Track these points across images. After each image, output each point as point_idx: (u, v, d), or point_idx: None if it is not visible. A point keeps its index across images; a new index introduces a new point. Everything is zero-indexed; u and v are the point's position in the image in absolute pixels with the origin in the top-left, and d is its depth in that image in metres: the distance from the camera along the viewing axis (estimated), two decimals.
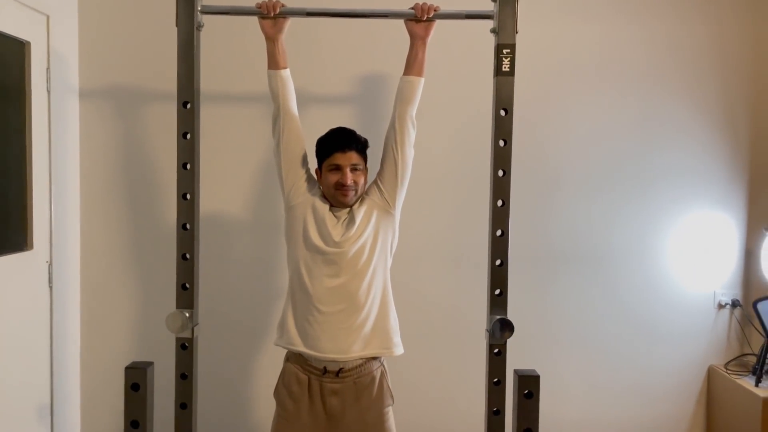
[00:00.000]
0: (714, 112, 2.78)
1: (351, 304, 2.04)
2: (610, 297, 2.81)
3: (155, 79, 2.72)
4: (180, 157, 2.14)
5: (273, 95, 2.13)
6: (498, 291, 2.15)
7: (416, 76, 2.12)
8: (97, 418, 2.80)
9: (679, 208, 2.81)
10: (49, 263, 2.54)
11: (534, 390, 1.68)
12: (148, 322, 2.78)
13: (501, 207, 2.13)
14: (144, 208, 2.77)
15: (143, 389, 1.71)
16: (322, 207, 2.10)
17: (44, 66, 2.49)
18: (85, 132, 2.74)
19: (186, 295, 2.14)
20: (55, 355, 2.58)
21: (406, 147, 2.13)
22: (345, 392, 2.06)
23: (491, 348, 2.16)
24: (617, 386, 2.84)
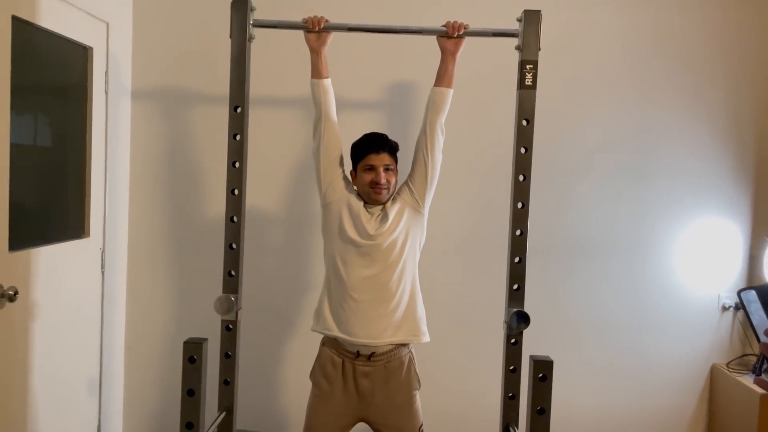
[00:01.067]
0: (720, 118, 2.93)
1: (382, 293, 2.24)
2: (619, 296, 2.98)
3: (201, 83, 2.93)
4: (230, 157, 2.35)
5: (315, 102, 2.33)
6: (516, 286, 2.34)
7: (446, 88, 2.32)
8: (138, 394, 3.02)
9: (687, 213, 2.97)
10: (102, 250, 2.77)
11: (547, 373, 1.87)
12: (187, 307, 3.00)
13: (521, 209, 2.33)
14: (187, 202, 2.99)
15: (199, 362, 1.92)
16: (357, 204, 2.30)
17: (103, 69, 2.72)
18: (135, 131, 2.97)
19: (232, 281, 2.35)
20: (105, 335, 2.81)
21: (435, 152, 2.32)
22: (376, 375, 2.26)
23: (508, 338, 2.36)
24: (625, 380, 3.01)
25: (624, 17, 2.93)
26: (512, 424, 2.34)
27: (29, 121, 2.34)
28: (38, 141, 2.44)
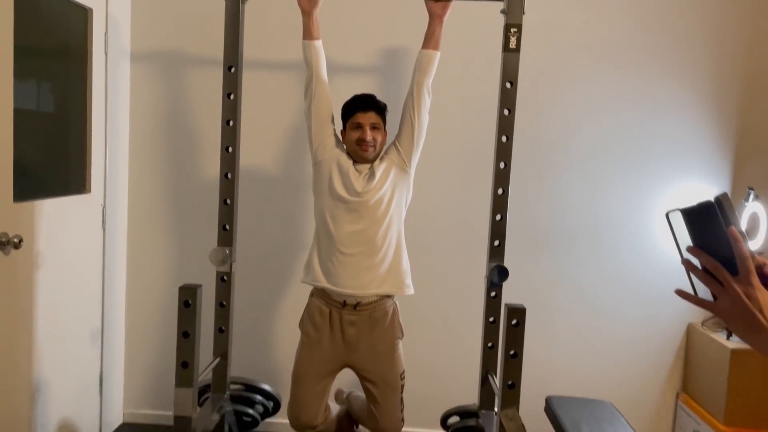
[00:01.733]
0: (703, 84, 2.99)
1: (369, 247, 2.36)
2: (600, 261, 3.08)
3: (198, 45, 3.01)
4: (224, 115, 2.45)
5: (307, 63, 2.42)
6: (497, 242, 2.46)
7: (433, 50, 2.40)
8: (138, 343, 3.17)
9: (667, 179, 3.05)
10: (103, 206, 2.88)
11: (520, 320, 1.99)
12: (185, 262, 3.12)
13: (503, 169, 2.44)
14: (184, 160, 3.09)
15: (193, 306, 2.04)
16: (346, 162, 2.40)
17: (103, 31, 2.80)
18: (134, 91, 3.06)
19: (226, 234, 2.48)
20: (106, 287, 2.93)
21: (422, 113, 2.42)
22: (361, 324, 2.39)
23: (489, 291, 2.49)
24: (605, 342, 3.13)
25: None
26: (491, 372, 2.49)
27: (32, 84, 2.43)
28: (41, 101, 2.53)
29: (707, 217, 0.93)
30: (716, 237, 0.92)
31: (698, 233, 0.95)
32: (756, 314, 0.89)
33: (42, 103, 2.54)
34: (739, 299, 0.90)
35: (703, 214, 0.93)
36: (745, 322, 0.91)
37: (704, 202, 0.93)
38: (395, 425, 2.43)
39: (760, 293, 0.90)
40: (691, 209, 0.94)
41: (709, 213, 0.92)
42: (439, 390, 3.10)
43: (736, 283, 0.91)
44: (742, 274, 0.91)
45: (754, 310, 0.89)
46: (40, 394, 2.47)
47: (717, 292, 0.93)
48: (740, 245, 0.90)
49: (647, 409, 3.15)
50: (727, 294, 0.91)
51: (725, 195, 0.93)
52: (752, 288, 0.90)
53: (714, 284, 0.93)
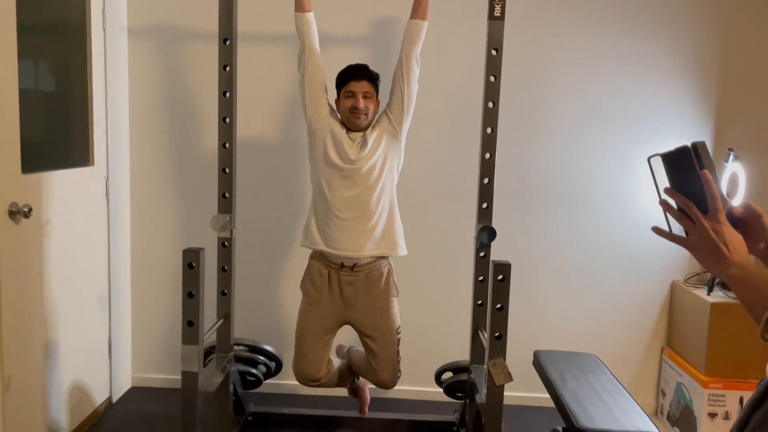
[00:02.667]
0: (685, 48, 3.08)
1: (363, 212, 2.47)
2: (586, 222, 3.19)
3: (194, 19, 3.09)
4: (221, 87, 2.54)
5: (299, 34, 2.50)
6: (485, 204, 2.58)
7: (421, 20, 2.49)
8: (145, 309, 3.30)
9: (650, 142, 3.15)
10: (106, 179, 2.98)
11: (506, 275, 2.10)
12: (187, 230, 3.23)
13: (490, 134, 2.54)
14: (184, 132, 3.19)
15: (197, 267, 2.16)
16: (340, 131, 2.50)
17: (101, 7, 2.87)
18: (133, 66, 3.14)
19: (226, 202, 2.58)
20: (112, 256, 3.05)
21: (411, 81, 2.51)
22: (358, 283, 2.52)
23: (478, 251, 2.61)
24: (593, 300, 3.26)
25: None
26: (481, 328, 2.62)
27: (33, 61, 2.51)
28: (43, 77, 2.62)
29: (683, 160, 1.02)
30: (690, 179, 1.02)
31: (675, 176, 1.04)
32: (720, 246, 1.00)
33: (43, 80, 2.63)
34: (707, 233, 1.01)
35: (680, 157, 1.02)
36: (711, 253, 1.01)
37: (681, 146, 1.02)
38: (393, 376, 2.57)
39: (725, 228, 1.00)
40: (669, 153, 1.04)
41: (685, 157, 1.02)
42: (433, 348, 3.24)
43: (705, 219, 1.01)
44: (711, 212, 1.01)
45: (719, 242, 1.00)
46: (53, 359, 2.60)
47: (688, 228, 1.04)
48: (711, 185, 1.00)
49: (633, 363, 3.30)
50: (697, 229, 1.02)
51: (702, 143, 1.03)
52: (719, 224, 1.00)
53: (686, 221, 1.03)
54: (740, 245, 1.01)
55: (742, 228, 1.06)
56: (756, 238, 1.07)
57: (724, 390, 2.84)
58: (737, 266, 0.99)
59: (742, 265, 1.00)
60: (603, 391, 2.29)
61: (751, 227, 1.07)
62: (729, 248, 1.00)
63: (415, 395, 3.29)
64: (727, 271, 1.00)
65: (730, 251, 0.99)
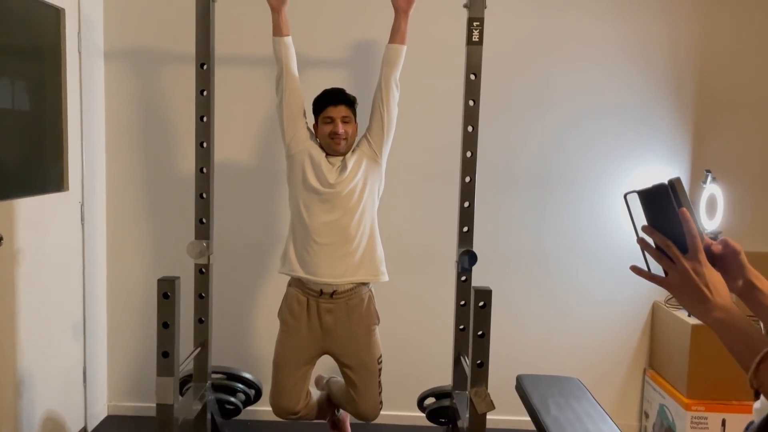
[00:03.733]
0: (661, 71, 3.11)
1: (343, 237, 2.44)
2: (566, 243, 3.19)
3: (171, 42, 3.06)
4: (198, 111, 2.52)
5: (277, 59, 2.48)
6: (465, 228, 2.56)
7: (399, 44, 2.48)
8: (120, 336, 3.22)
9: (629, 164, 3.15)
10: (81, 203, 2.93)
11: (487, 301, 2.08)
12: (164, 255, 3.18)
13: (469, 158, 2.53)
14: (161, 156, 3.14)
15: (172, 297, 2.11)
16: (319, 154, 2.48)
17: (76, 30, 2.84)
18: (109, 89, 3.10)
19: (203, 228, 2.55)
20: (87, 282, 2.99)
21: (391, 106, 2.50)
22: (338, 311, 2.47)
23: (459, 275, 2.59)
24: (574, 322, 3.25)
25: None
26: (463, 354, 2.59)
27: (5, 84, 2.46)
28: (16, 103, 2.57)
29: (661, 198, 1.00)
30: (668, 217, 1.00)
31: (652, 213, 1.02)
32: (702, 288, 0.97)
33: (16, 103, 2.58)
34: (687, 274, 0.98)
35: (657, 195, 1.00)
36: (692, 295, 0.99)
37: (658, 184, 1.01)
38: (374, 408, 2.52)
39: (706, 269, 0.98)
40: (646, 191, 1.02)
41: (663, 194, 1.00)
42: (415, 373, 3.19)
43: (685, 259, 0.99)
44: (691, 252, 0.98)
45: (700, 284, 0.97)
46: (26, 388, 2.53)
47: (668, 268, 1.01)
48: (690, 224, 0.98)
49: (616, 384, 3.28)
50: (677, 269, 0.99)
51: (678, 179, 1.01)
52: (699, 264, 0.98)
53: (665, 261, 1.01)
54: (722, 286, 0.99)
55: (720, 265, 1.04)
56: (734, 276, 1.05)
57: (706, 412, 2.83)
58: (720, 309, 0.97)
59: (726, 307, 0.97)
60: (586, 417, 2.27)
61: (729, 264, 1.05)
62: (711, 290, 0.97)
63: (397, 420, 3.24)
64: (710, 315, 0.98)
65: (712, 293, 0.97)
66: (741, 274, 1.04)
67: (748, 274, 1.04)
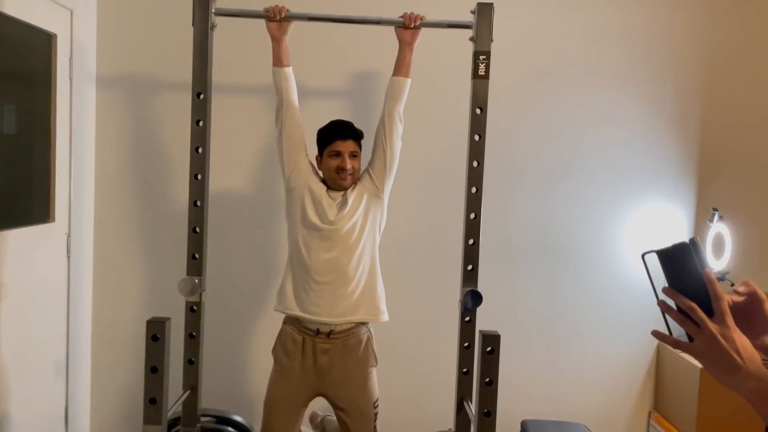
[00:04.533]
0: (667, 110, 3.07)
1: (343, 275, 2.34)
2: (570, 282, 3.10)
3: (166, 70, 2.97)
4: (193, 142, 2.42)
5: (277, 89, 2.40)
6: (470, 267, 2.46)
7: (404, 77, 2.41)
8: (105, 375, 3.07)
9: (634, 201, 3.10)
10: (67, 235, 2.80)
11: (495, 347, 1.98)
12: (154, 291, 3.05)
13: (475, 193, 2.45)
14: (152, 187, 3.03)
15: (162, 340, 1.99)
16: (319, 189, 2.39)
17: (68, 56, 2.74)
18: (101, 116, 3.00)
19: (196, 263, 2.43)
20: (71, 318, 2.85)
21: (394, 139, 2.42)
22: (334, 352, 2.36)
23: (463, 316, 2.48)
24: (578, 363, 3.15)
25: (575, 15, 3.04)
26: (466, 398, 2.47)
27: None
28: (2, 128, 2.47)
29: (682, 258, 0.94)
30: (691, 278, 0.93)
31: (673, 274, 0.95)
32: (732, 355, 0.90)
33: (4, 130, 2.48)
34: (716, 340, 0.90)
35: (678, 255, 0.94)
36: (722, 363, 0.91)
37: (679, 243, 0.94)
38: None
39: (736, 334, 0.91)
40: (666, 250, 0.95)
41: (684, 254, 0.94)
42: (414, 417, 3.07)
43: (712, 324, 0.91)
44: (718, 315, 0.91)
45: (731, 350, 0.90)
46: (3, 428, 2.38)
47: (693, 333, 0.93)
48: (715, 286, 0.91)
49: (620, 428, 3.17)
50: (704, 335, 0.91)
51: (697, 238, 0.95)
52: (728, 329, 0.90)
53: (690, 325, 0.93)
54: (753, 352, 0.91)
55: (742, 318, 0.96)
56: (759, 330, 0.97)
57: None
58: (755, 378, 0.89)
59: (760, 375, 0.89)
60: None
61: (753, 315, 0.97)
62: (743, 356, 0.89)
63: None
64: (744, 384, 0.90)
65: (744, 360, 0.89)
66: (766, 327, 0.96)
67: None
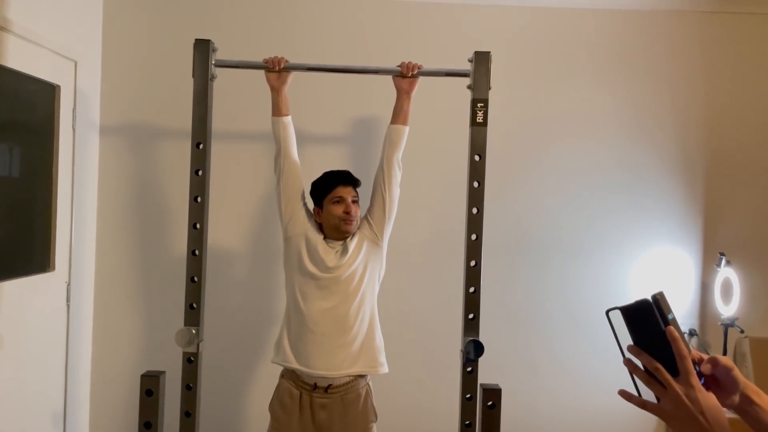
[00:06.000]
0: (670, 155, 3.06)
1: (341, 326, 2.29)
2: (581, 328, 3.05)
3: (169, 120, 3.00)
4: (192, 191, 2.41)
5: (275, 138, 2.41)
6: (471, 315, 2.41)
7: (402, 125, 2.41)
8: (103, 427, 3.02)
9: (644, 243, 3.07)
10: (67, 283, 2.80)
11: (496, 401, 1.93)
12: (153, 340, 3.02)
13: (474, 240, 2.42)
14: (153, 236, 3.03)
15: (156, 395, 1.95)
16: (316, 238, 2.36)
17: (71, 106, 2.78)
18: (103, 165, 3.02)
19: (193, 314, 2.40)
20: (70, 367, 2.81)
21: (393, 186, 2.40)
22: (333, 407, 2.30)
23: (464, 366, 2.42)
24: (587, 411, 3.07)
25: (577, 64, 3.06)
26: None
27: None
28: (4, 176, 2.48)
29: (645, 315, 0.92)
30: (655, 336, 0.91)
31: (638, 332, 0.93)
32: (696, 416, 0.87)
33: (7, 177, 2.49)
34: (680, 401, 0.88)
35: (641, 312, 0.93)
36: (687, 425, 0.88)
37: (641, 300, 0.93)
38: None
39: (701, 394, 0.88)
40: (629, 307, 0.94)
41: (647, 312, 0.92)
42: None
43: (677, 384, 0.89)
44: (683, 375, 0.89)
45: (695, 411, 0.87)
46: None
47: (659, 394, 0.91)
48: (679, 345, 0.89)
49: None
50: (669, 396, 0.89)
51: (662, 293, 0.94)
52: (692, 389, 0.88)
53: (656, 385, 0.91)
54: (718, 412, 0.88)
55: (713, 381, 0.95)
56: (728, 390, 0.95)
57: None
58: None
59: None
60: None
61: (722, 381, 0.95)
62: (707, 418, 0.87)
63: None
64: None
65: (709, 422, 0.86)
66: (735, 389, 0.94)
67: (745, 389, 0.94)
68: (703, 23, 3.06)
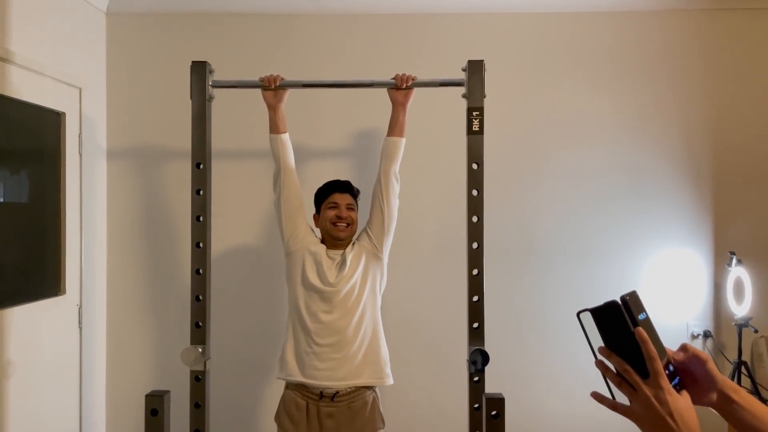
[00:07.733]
0: (677, 157, 3.03)
1: (343, 338, 2.30)
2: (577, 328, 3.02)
3: (173, 141, 3.05)
4: (194, 211, 2.45)
5: (274, 156, 2.44)
6: (476, 324, 2.40)
7: (398, 137, 2.42)
8: None
9: (653, 246, 3.03)
10: (79, 306, 2.84)
11: (500, 411, 1.91)
12: (165, 358, 3.05)
13: (476, 249, 2.41)
14: (163, 256, 3.07)
15: (161, 414, 1.98)
16: (319, 250, 2.38)
17: (77, 132, 2.84)
18: (112, 188, 3.08)
19: (199, 332, 2.42)
20: (84, 389, 2.86)
21: (391, 198, 2.42)
22: (340, 415, 2.30)
23: (471, 376, 2.41)
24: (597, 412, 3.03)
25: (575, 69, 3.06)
26: None
27: (2, 180, 2.44)
28: (14, 203, 2.54)
29: (614, 317, 0.91)
30: (625, 338, 0.91)
31: (608, 334, 0.93)
32: (665, 417, 0.86)
33: (13, 207, 2.55)
34: (649, 402, 0.88)
35: (610, 314, 0.92)
36: (657, 427, 0.87)
37: (610, 302, 0.92)
38: None
39: (670, 396, 0.88)
40: (598, 309, 0.93)
41: (615, 313, 0.91)
42: None
43: (646, 386, 0.89)
44: (652, 377, 0.89)
45: (664, 413, 0.87)
46: None
47: (630, 396, 0.91)
48: (648, 346, 0.89)
49: None
50: (639, 398, 0.89)
51: (633, 293, 0.93)
52: (662, 391, 0.88)
53: (626, 387, 0.91)
54: (689, 414, 0.87)
55: (689, 376, 0.94)
56: (705, 387, 0.94)
57: None
58: None
59: None
60: None
61: (697, 375, 0.94)
62: (676, 420, 0.86)
63: None
64: None
65: (678, 424, 0.86)
66: (713, 385, 0.93)
67: (722, 386, 0.93)
68: (702, 21, 3.03)
